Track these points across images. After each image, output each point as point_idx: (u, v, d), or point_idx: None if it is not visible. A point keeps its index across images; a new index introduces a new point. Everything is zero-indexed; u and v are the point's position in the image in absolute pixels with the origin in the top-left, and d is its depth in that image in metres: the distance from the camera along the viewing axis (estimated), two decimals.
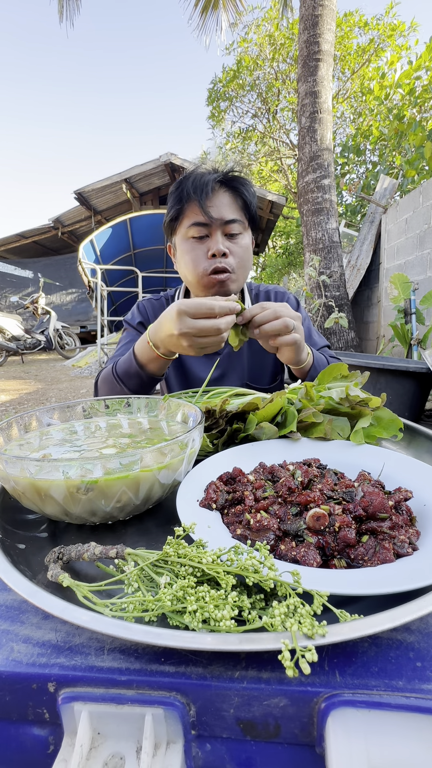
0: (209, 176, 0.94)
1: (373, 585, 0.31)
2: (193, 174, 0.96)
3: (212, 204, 0.94)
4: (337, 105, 11.06)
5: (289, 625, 0.27)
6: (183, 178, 0.97)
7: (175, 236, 1.02)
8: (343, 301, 4.70)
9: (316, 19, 4.34)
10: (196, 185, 0.93)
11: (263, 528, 0.39)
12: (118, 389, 0.88)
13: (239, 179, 0.98)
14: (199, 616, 0.28)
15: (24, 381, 5.48)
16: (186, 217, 0.97)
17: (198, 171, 0.97)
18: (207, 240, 0.96)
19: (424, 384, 2.72)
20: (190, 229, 0.96)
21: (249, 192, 0.99)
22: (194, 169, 1.00)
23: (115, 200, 9.22)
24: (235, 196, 0.97)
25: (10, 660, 0.29)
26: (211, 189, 0.93)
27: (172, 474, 0.45)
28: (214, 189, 0.94)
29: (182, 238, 0.99)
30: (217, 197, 0.95)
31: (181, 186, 0.96)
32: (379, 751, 0.25)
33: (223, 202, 0.95)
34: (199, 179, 0.94)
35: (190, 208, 0.95)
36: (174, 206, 0.98)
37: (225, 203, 0.95)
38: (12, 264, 10.57)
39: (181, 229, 0.99)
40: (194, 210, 0.94)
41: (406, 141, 6.60)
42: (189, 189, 0.94)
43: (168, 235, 1.06)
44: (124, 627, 0.28)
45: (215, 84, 12.19)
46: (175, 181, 1.00)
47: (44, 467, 0.40)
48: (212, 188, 0.93)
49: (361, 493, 0.40)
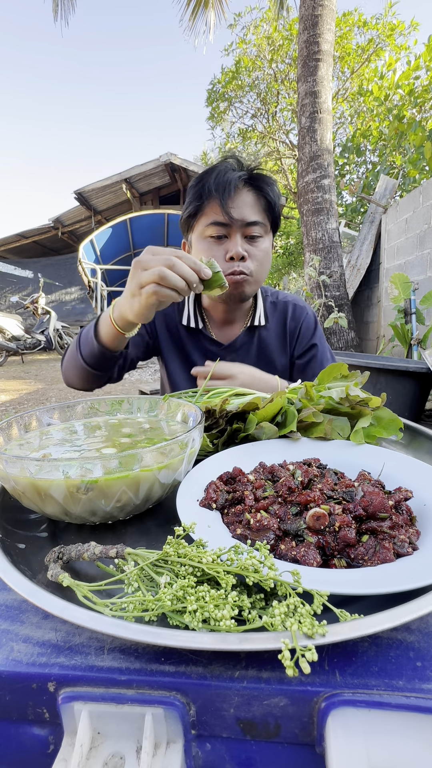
0: (233, 174, 0.88)
1: (373, 585, 0.31)
2: (216, 169, 0.90)
3: (234, 204, 0.88)
4: (337, 105, 11.06)
5: (289, 624, 0.27)
6: (205, 172, 0.91)
7: (192, 234, 0.97)
8: (343, 301, 4.70)
9: (315, 19, 4.34)
10: (219, 182, 0.87)
11: (263, 528, 0.39)
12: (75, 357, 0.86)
13: (265, 178, 0.92)
14: (199, 615, 0.28)
15: (24, 381, 5.48)
16: (205, 214, 0.91)
17: (221, 166, 0.91)
18: (225, 241, 0.91)
19: (424, 384, 2.72)
20: (209, 228, 0.90)
21: (274, 193, 0.93)
22: (217, 163, 0.93)
23: (115, 200, 9.23)
24: (258, 196, 0.91)
25: (10, 659, 0.29)
26: (234, 187, 0.87)
27: (172, 474, 0.45)
28: (237, 187, 0.88)
29: (199, 236, 0.93)
30: (239, 196, 0.89)
31: (203, 181, 0.90)
32: (379, 750, 0.25)
33: (246, 202, 0.90)
34: (222, 175, 0.87)
35: (210, 205, 0.90)
36: (193, 202, 0.92)
37: (248, 203, 0.90)
38: (12, 264, 10.57)
39: (198, 227, 0.93)
40: (214, 208, 0.89)
41: (406, 141, 6.60)
42: (211, 185, 0.88)
43: (184, 232, 1.01)
44: (124, 627, 0.28)
45: (214, 85, 12.19)
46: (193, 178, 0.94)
47: (44, 467, 0.40)
48: (235, 187, 0.88)
49: (361, 493, 0.40)
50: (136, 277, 0.65)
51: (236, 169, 0.90)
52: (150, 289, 0.63)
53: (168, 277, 0.62)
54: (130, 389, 4.72)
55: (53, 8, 7.65)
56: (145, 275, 0.63)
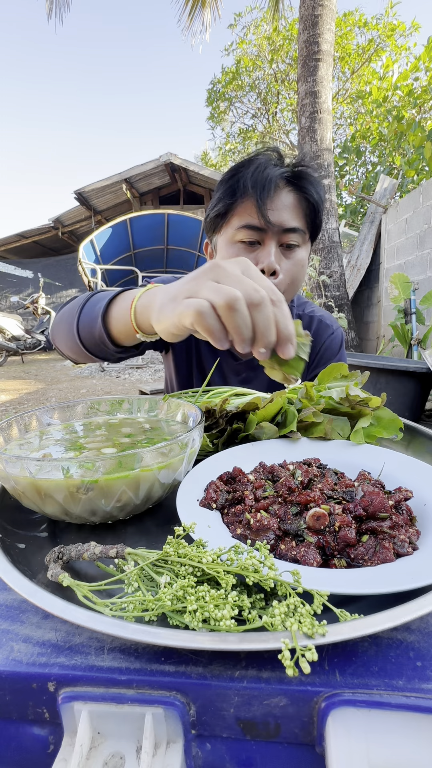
0: (274, 170, 0.75)
1: (373, 584, 0.31)
2: (255, 162, 0.76)
3: (273, 205, 0.75)
4: (337, 105, 11.07)
5: (289, 624, 0.27)
6: (241, 165, 0.78)
7: (218, 235, 0.84)
8: (343, 301, 4.70)
9: (315, 19, 4.35)
10: (257, 179, 0.74)
11: (263, 528, 0.39)
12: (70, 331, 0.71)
13: (309, 177, 0.78)
14: (199, 615, 0.28)
15: (24, 381, 5.48)
16: (237, 215, 0.78)
17: (261, 159, 0.77)
18: (257, 248, 0.78)
19: (424, 384, 2.72)
20: (240, 232, 0.77)
21: (318, 195, 0.79)
22: (255, 154, 0.80)
23: (115, 200, 9.23)
24: (300, 198, 0.78)
25: (10, 659, 0.29)
26: (274, 186, 0.74)
27: (172, 473, 0.45)
28: (278, 186, 0.75)
29: (228, 240, 0.80)
30: (279, 197, 0.76)
31: (237, 176, 0.77)
32: (379, 750, 0.25)
33: (286, 204, 0.77)
34: (261, 172, 0.74)
35: (243, 205, 0.77)
36: (224, 200, 0.78)
37: (287, 206, 0.77)
38: (12, 264, 10.58)
39: (227, 229, 0.80)
40: (249, 209, 0.76)
41: (406, 141, 6.60)
42: (247, 182, 0.74)
43: (209, 232, 0.88)
44: (124, 626, 0.28)
45: (214, 85, 12.20)
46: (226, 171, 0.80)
47: (44, 467, 0.40)
48: (276, 185, 0.75)
49: (362, 493, 0.40)
50: (199, 281, 0.44)
51: (277, 164, 0.77)
52: (194, 307, 0.41)
53: (237, 314, 0.41)
54: (130, 389, 4.73)
55: (47, 6, 7.51)
56: (209, 288, 0.42)
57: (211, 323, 0.42)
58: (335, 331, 1.00)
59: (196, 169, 8.38)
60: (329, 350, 0.98)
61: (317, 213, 0.81)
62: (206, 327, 0.42)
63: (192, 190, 9.65)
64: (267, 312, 0.42)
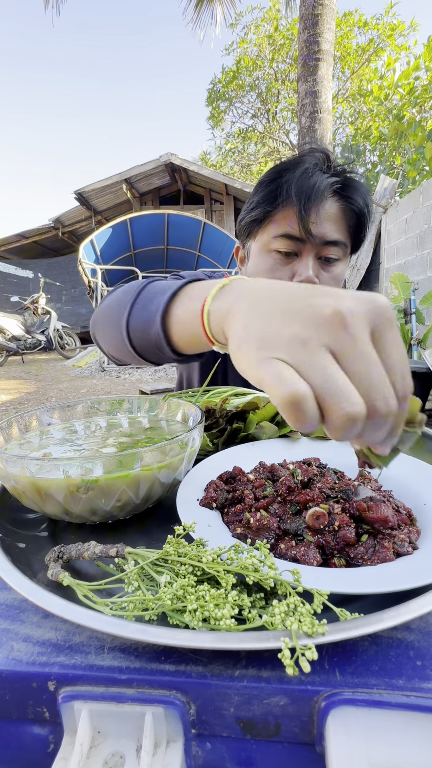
0: (321, 178, 0.68)
1: (373, 584, 0.31)
2: (302, 166, 0.69)
3: (316, 217, 0.69)
4: (337, 105, 11.07)
5: (289, 623, 0.27)
6: (284, 168, 0.71)
7: (252, 241, 0.78)
8: None
9: (315, 19, 4.34)
10: (302, 187, 0.67)
11: (263, 527, 0.39)
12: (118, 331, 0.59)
13: (358, 186, 0.72)
14: (199, 614, 0.28)
15: (24, 381, 5.49)
16: (275, 222, 0.72)
17: (308, 162, 0.70)
18: (294, 260, 0.73)
19: (424, 384, 2.72)
20: (276, 241, 0.72)
21: (366, 206, 0.73)
22: (302, 155, 0.73)
23: (115, 200, 9.23)
24: (346, 209, 0.72)
25: (10, 659, 0.29)
26: (321, 196, 0.68)
27: (172, 473, 0.45)
28: (324, 196, 0.69)
29: (262, 248, 0.75)
30: (323, 207, 0.70)
31: (280, 180, 0.70)
32: (379, 749, 0.25)
33: (330, 214, 0.71)
34: (307, 179, 0.68)
35: (283, 213, 0.71)
36: (262, 204, 0.72)
37: (332, 217, 0.71)
38: (12, 264, 10.58)
39: (263, 235, 0.75)
40: (289, 218, 0.70)
41: (406, 141, 6.60)
42: (291, 188, 0.68)
43: (242, 237, 0.81)
44: (124, 626, 0.28)
45: (215, 84, 12.20)
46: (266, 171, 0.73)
47: (44, 466, 0.40)
48: (323, 195, 0.68)
49: (364, 494, 0.40)
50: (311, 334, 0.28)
51: (327, 169, 0.70)
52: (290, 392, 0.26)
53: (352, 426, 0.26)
54: (130, 389, 4.73)
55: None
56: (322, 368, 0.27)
57: (306, 418, 0.27)
58: None
59: (196, 169, 8.38)
60: None
61: (362, 226, 0.75)
62: (296, 419, 0.27)
63: (192, 190, 9.65)
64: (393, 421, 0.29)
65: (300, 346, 0.28)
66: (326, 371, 0.27)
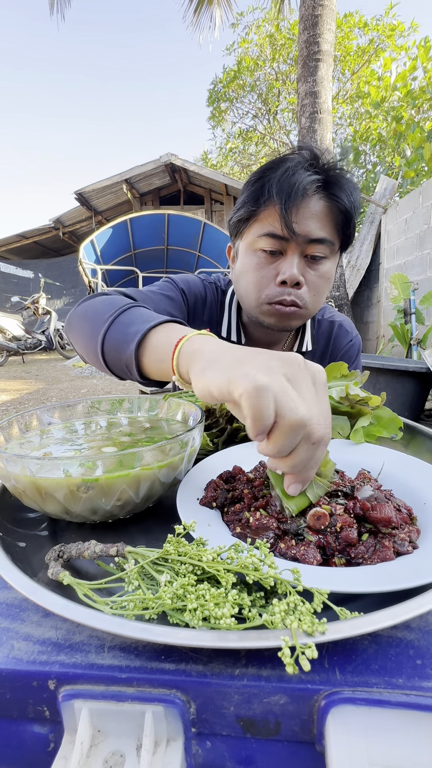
0: (304, 175, 0.67)
1: (373, 583, 0.31)
2: (284, 165, 0.69)
3: (299, 214, 0.69)
4: (337, 106, 11.08)
5: (289, 622, 0.27)
6: (268, 167, 0.72)
7: (240, 241, 0.79)
8: (343, 301, 4.70)
9: (315, 19, 4.35)
10: (283, 185, 0.67)
11: (263, 526, 0.39)
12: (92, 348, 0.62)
13: (344, 182, 0.70)
14: (199, 613, 0.28)
15: (25, 381, 5.49)
16: (259, 221, 0.72)
17: (291, 161, 0.70)
18: (279, 258, 0.73)
19: (424, 384, 2.72)
20: (261, 240, 0.72)
21: (353, 203, 0.71)
22: (288, 153, 0.73)
23: (115, 200, 9.24)
24: (332, 206, 0.71)
25: (11, 658, 0.29)
26: (302, 194, 0.67)
27: (172, 472, 0.45)
28: (306, 194, 0.68)
29: (248, 247, 0.76)
30: (307, 204, 0.69)
31: (263, 180, 0.70)
32: (379, 748, 0.25)
33: (314, 212, 0.70)
34: (290, 176, 0.67)
35: (267, 211, 0.71)
36: (246, 204, 0.73)
37: (316, 215, 0.70)
38: (13, 264, 10.58)
39: (249, 235, 0.75)
40: (272, 217, 0.70)
41: (405, 142, 6.61)
42: (272, 188, 0.68)
43: (232, 236, 0.82)
44: (124, 625, 0.28)
45: (215, 85, 12.21)
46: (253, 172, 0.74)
47: (45, 465, 0.40)
48: (304, 193, 0.68)
49: (367, 493, 0.40)
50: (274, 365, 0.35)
51: (310, 167, 0.69)
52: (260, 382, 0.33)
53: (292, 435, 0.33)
54: (131, 389, 4.73)
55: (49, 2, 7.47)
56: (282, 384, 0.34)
57: (264, 408, 0.32)
58: (354, 339, 0.96)
59: (196, 170, 8.38)
60: (346, 357, 0.96)
61: (349, 222, 0.73)
62: (256, 407, 0.32)
63: (192, 190, 9.66)
64: (318, 453, 0.36)
65: (267, 363, 0.36)
66: (286, 387, 0.34)
